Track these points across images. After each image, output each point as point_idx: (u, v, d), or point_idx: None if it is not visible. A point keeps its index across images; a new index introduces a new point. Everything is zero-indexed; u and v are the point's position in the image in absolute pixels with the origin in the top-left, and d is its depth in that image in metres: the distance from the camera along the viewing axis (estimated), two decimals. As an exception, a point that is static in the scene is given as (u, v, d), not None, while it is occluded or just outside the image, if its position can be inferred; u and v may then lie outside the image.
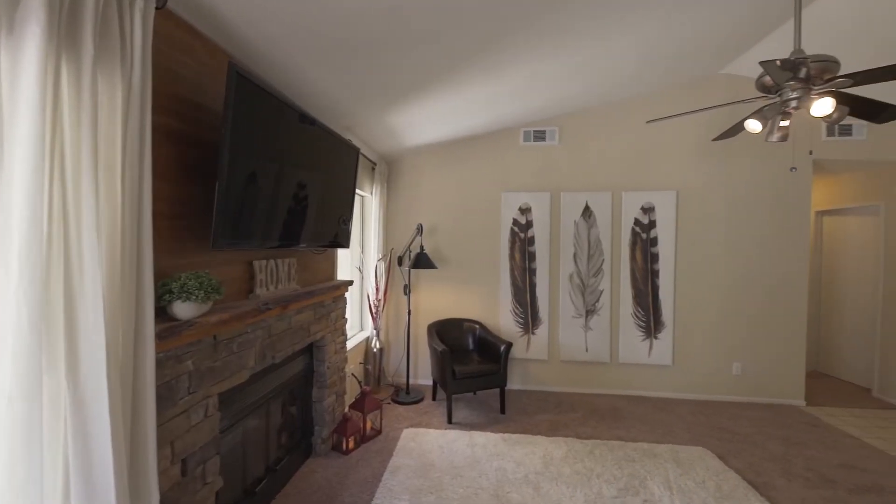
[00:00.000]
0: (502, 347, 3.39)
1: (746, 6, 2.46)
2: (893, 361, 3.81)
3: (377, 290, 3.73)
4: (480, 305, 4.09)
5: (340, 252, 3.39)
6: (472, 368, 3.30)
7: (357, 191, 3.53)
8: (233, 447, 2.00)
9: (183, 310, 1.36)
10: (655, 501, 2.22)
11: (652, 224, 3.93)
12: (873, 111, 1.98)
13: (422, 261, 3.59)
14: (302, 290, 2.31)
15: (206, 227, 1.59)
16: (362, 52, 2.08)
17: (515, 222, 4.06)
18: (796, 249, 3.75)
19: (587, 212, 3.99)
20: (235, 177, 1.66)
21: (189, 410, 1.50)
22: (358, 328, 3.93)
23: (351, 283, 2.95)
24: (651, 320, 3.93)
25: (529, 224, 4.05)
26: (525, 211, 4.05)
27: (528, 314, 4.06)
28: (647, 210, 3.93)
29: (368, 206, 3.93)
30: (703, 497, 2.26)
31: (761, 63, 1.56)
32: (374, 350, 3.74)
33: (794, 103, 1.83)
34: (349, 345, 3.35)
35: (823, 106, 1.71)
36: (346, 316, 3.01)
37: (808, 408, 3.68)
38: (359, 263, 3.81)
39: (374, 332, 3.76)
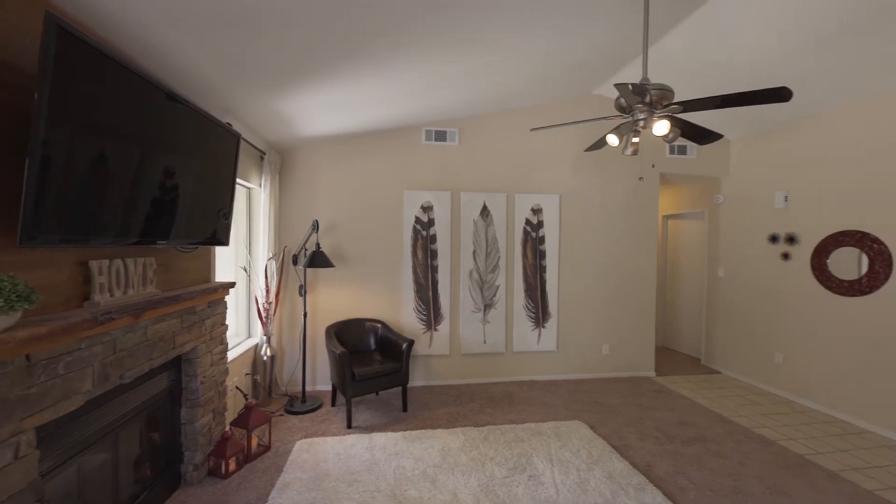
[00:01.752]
0: (404, 345, 3.38)
1: (609, 39, 2.83)
2: (714, 336, 4.81)
3: (267, 292, 3.40)
4: (383, 304, 4.03)
5: (221, 251, 3.01)
6: (373, 369, 3.22)
7: (242, 182, 3.19)
8: (66, 490, 1.62)
9: (-31, 325, 1.04)
10: (539, 475, 2.44)
11: (540, 224, 4.31)
12: (699, 135, 2.44)
13: (318, 259, 3.37)
14: (163, 294, 1.97)
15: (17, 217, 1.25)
16: (238, 27, 1.85)
17: (418, 220, 4.09)
18: (648, 247, 4.49)
19: (485, 211, 4.21)
20: (65, 158, 1.34)
21: (-14, 454, 1.17)
22: (244, 335, 3.54)
23: (232, 284, 2.63)
24: (540, 311, 4.32)
25: (432, 222, 4.11)
26: (427, 209, 4.10)
27: (431, 311, 4.12)
28: (536, 211, 4.31)
29: (256, 199, 3.56)
30: (577, 464, 2.56)
31: (616, 85, 1.81)
32: (265, 358, 3.41)
33: (641, 123, 2.16)
34: (232, 354, 3.00)
35: (661, 127, 2.05)
36: (227, 322, 2.68)
37: (657, 377, 4.45)
38: (245, 263, 3.43)
39: (264, 338, 3.42)
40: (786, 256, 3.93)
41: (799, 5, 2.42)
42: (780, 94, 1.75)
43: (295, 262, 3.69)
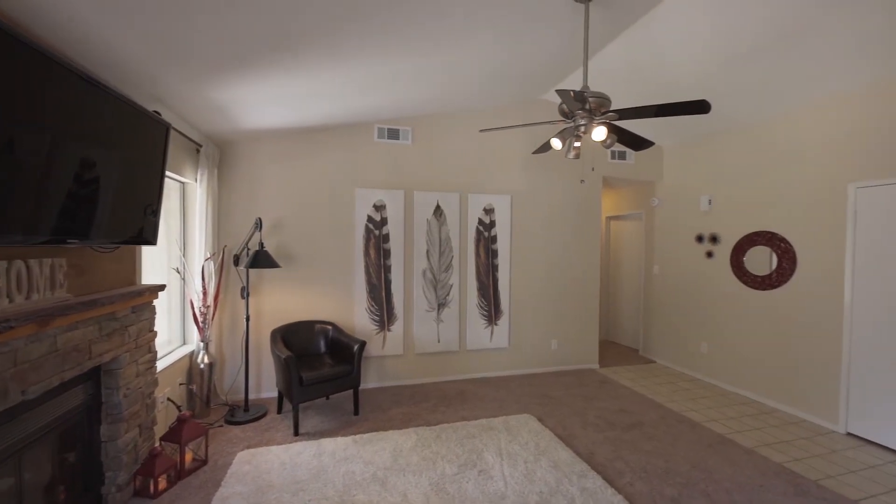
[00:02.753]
0: (356, 347, 3.30)
1: (555, 46, 2.95)
2: (650, 328, 5.19)
3: (204, 294, 3.17)
4: (334, 305, 3.91)
5: (151, 251, 2.77)
6: (322, 372, 3.11)
7: (174, 176, 2.96)
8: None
9: None
10: (488, 469, 2.49)
11: (492, 224, 4.41)
12: (634, 142, 2.62)
13: (262, 259, 3.19)
14: (76, 299, 1.77)
15: None
16: (167, 7, 1.71)
17: (370, 219, 4.01)
18: (592, 246, 4.74)
19: (438, 211, 4.23)
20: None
21: None
22: (178, 342, 3.27)
23: (162, 287, 2.42)
24: (492, 309, 4.41)
25: (384, 221, 4.06)
26: (380, 208, 4.04)
27: (384, 311, 4.07)
28: (489, 211, 4.39)
29: (192, 195, 3.31)
30: (525, 456, 2.65)
31: (557, 91, 1.89)
32: (202, 366, 3.18)
33: (582, 128, 2.28)
34: (163, 364, 2.77)
35: (599, 133, 2.17)
36: (156, 329, 2.46)
37: (601, 369, 4.71)
38: (178, 264, 3.17)
39: (202, 344, 3.19)
40: (710, 255, 4.33)
41: (720, 26, 2.67)
42: (700, 107, 1.92)
43: (236, 262, 3.48)
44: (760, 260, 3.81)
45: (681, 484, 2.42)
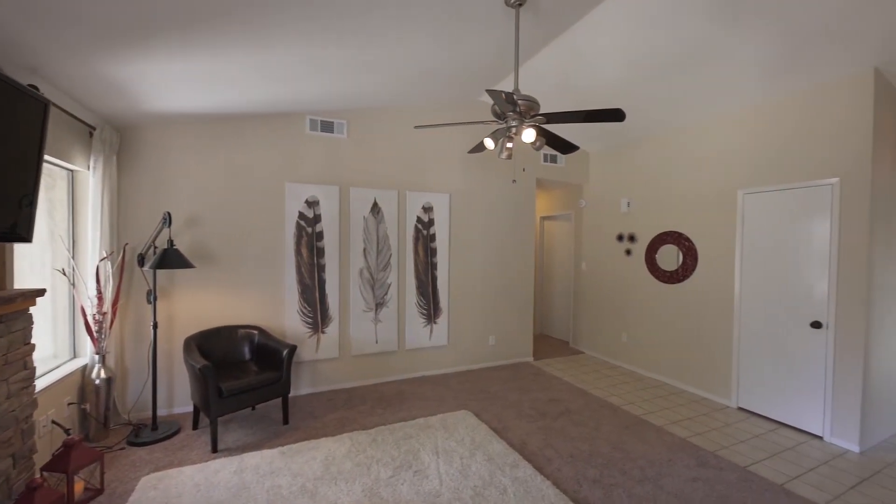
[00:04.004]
0: (285, 352, 3.10)
1: (491, 49, 3.01)
2: (579, 321, 5.55)
3: (100, 300, 2.76)
4: (261, 308, 3.64)
5: (28, 250, 2.36)
6: (245, 381, 2.87)
7: (59, 162, 2.55)
8: None
9: None
10: (424, 469, 2.48)
11: (431, 222, 4.40)
12: (561, 145, 2.76)
13: (171, 259, 2.85)
14: (-89, 309, 1.44)
15: None
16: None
17: (302, 216, 3.79)
18: (527, 244, 4.95)
19: (376, 208, 4.12)
20: None
21: None
22: (67, 355, 2.82)
23: (41, 292, 2.06)
24: (431, 307, 4.41)
25: (318, 218, 3.86)
26: (313, 204, 3.84)
27: (318, 312, 3.87)
28: (427, 209, 4.38)
29: (83, 185, 2.87)
30: (461, 452, 2.68)
31: (488, 91, 1.92)
32: (97, 382, 2.77)
33: (514, 129, 2.34)
34: (46, 381, 2.38)
35: (528, 135, 2.25)
36: (34, 341, 2.09)
37: (535, 362, 4.94)
38: (66, 265, 2.73)
39: (97, 357, 2.78)
40: (628, 252, 4.73)
41: (638, 43, 2.90)
42: (616, 115, 2.06)
43: (141, 262, 3.08)
44: (669, 257, 4.24)
45: (602, 465, 2.61)
